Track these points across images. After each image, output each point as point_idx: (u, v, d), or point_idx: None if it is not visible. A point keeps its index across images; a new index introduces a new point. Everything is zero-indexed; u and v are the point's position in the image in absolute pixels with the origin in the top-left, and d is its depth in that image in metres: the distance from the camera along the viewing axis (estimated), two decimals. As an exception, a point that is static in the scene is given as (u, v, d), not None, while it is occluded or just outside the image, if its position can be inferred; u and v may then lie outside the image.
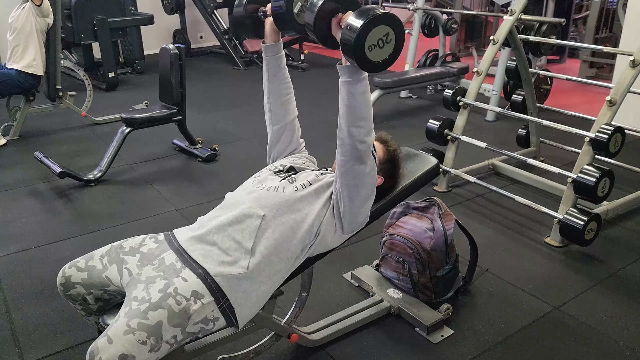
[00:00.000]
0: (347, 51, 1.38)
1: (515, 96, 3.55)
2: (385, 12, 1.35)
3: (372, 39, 1.34)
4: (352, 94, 1.47)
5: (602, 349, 1.98)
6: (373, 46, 1.35)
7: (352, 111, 1.48)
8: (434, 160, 1.98)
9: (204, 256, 1.48)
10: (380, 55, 1.38)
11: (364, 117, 1.49)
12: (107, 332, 1.29)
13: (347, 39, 1.35)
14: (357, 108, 1.48)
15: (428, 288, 2.14)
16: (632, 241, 2.73)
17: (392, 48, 1.39)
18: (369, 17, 1.33)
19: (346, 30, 1.36)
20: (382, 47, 1.37)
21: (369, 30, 1.33)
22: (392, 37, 1.37)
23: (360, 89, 1.46)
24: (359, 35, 1.32)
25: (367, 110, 1.50)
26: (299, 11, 1.64)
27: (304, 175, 1.68)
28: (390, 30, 1.36)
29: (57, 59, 4.22)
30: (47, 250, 2.65)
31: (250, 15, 1.80)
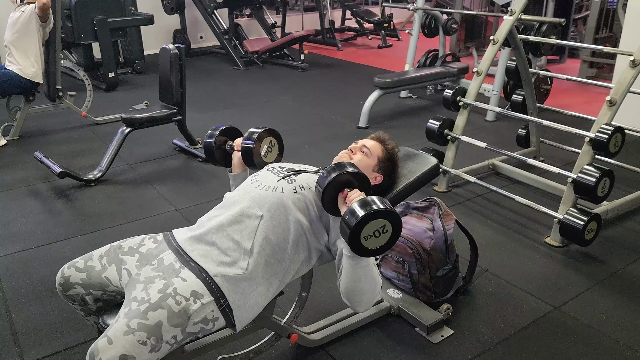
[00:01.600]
0: (345, 237, 1.44)
1: (515, 96, 3.55)
2: (385, 208, 1.40)
3: (368, 230, 1.41)
4: (353, 267, 1.50)
5: (602, 349, 1.98)
6: (369, 236, 1.41)
7: (352, 283, 1.53)
8: (433, 160, 1.98)
9: (203, 256, 1.48)
10: (376, 243, 1.44)
11: (364, 291, 1.54)
12: (107, 333, 1.29)
13: (345, 227, 1.42)
14: (358, 282, 1.52)
15: (428, 288, 2.14)
16: (632, 241, 2.73)
17: (388, 237, 1.45)
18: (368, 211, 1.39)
19: (345, 217, 1.42)
20: (378, 237, 1.43)
21: (365, 223, 1.39)
22: (388, 229, 1.43)
23: (362, 263, 1.50)
24: (355, 228, 1.39)
25: (368, 282, 1.53)
26: (265, 153, 1.87)
27: (304, 177, 1.67)
28: (387, 222, 1.42)
29: (57, 60, 4.22)
30: (47, 250, 2.65)
31: (219, 146, 1.94)
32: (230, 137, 1.97)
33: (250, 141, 1.83)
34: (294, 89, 5.82)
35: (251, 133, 1.85)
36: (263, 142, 1.85)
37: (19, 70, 4.00)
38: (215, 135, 1.94)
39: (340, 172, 1.51)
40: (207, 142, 1.94)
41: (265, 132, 1.86)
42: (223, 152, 1.96)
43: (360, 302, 1.56)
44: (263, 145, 1.85)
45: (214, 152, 1.94)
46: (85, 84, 4.73)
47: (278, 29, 8.07)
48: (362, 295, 1.54)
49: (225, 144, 1.95)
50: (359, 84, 5.77)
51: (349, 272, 1.51)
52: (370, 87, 4.68)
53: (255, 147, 1.83)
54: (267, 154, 1.88)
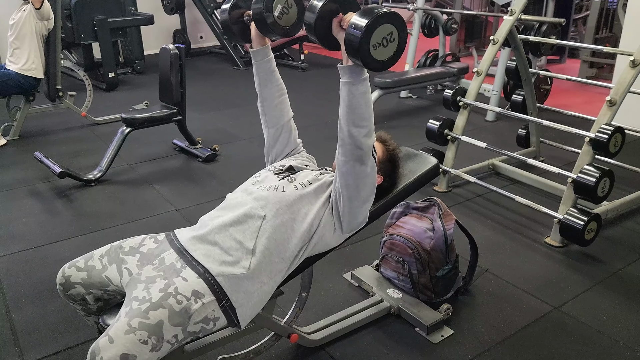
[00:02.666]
0: (352, 50, 1.37)
1: (515, 96, 3.55)
2: (389, 11, 1.35)
3: (377, 38, 1.34)
4: (353, 94, 1.46)
5: (602, 349, 1.98)
6: (377, 45, 1.35)
7: (352, 111, 1.48)
8: (433, 160, 1.98)
9: (205, 256, 1.48)
10: (384, 54, 1.38)
11: (364, 117, 1.49)
12: (108, 332, 1.29)
13: (351, 38, 1.35)
14: (357, 108, 1.48)
15: (428, 288, 2.14)
16: (632, 241, 2.73)
17: (395, 46, 1.39)
18: (374, 16, 1.32)
19: (351, 29, 1.35)
20: (386, 46, 1.37)
21: (374, 28, 1.32)
22: (395, 37, 1.37)
23: (361, 89, 1.46)
24: (364, 33, 1.32)
25: (368, 110, 1.50)
26: (279, 14, 1.63)
27: (304, 175, 1.68)
28: (394, 29, 1.36)
29: (57, 60, 4.22)
30: (47, 250, 2.65)
31: (237, 20, 1.78)
32: (247, 7, 1.75)
33: (259, 4, 1.62)
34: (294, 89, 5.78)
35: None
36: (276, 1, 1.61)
37: (19, 68, 4.00)
38: (227, 8, 1.74)
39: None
40: (223, 17, 1.76)
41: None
42: (241, 26, 1.77)
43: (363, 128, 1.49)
44: (277, 4, 1.61)
45: (231, 27, 1.76)
46: (85, 84, 4.73)
47: (278, 29, 8.05)
48: (363, 121, 1.49)
49: (243, 16, 1.76)
50: (359, 84, 5.76)
51: (349, 100, 1.47)
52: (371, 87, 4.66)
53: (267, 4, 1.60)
54: (282, 15, 1.63)
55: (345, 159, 1.53)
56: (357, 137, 1.50)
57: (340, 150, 1.54)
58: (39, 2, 3.92)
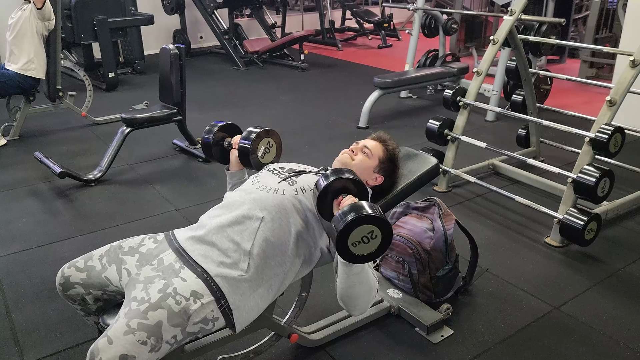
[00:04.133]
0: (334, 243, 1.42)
1: (515, 96, 3.55)
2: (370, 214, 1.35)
3: (355, 237, 1.36)
4: (347, 274, 1.48)
5: (602, 349, 1.98)
6: (357, 242, 1.37)
7: (347, 290, 1.52)
8: (433, 160, 1.98)
9: (203, 257, 1.48)
10: (365, 249, 1.39)
11: (358, 296, 1.53)
12: (107, 333, 1.29)
13: (333, 234, 1.39)
14: (352, 288, 1.50)
15: (428, 288, 2.14)
16: (632, 241, 2.73)
17: (377, 244, 1.39)
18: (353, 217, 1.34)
19: (334, 223, 1.39)
20: (367, 243, 1.38)
21: (350, 230, 1.34)
22: (377, 234, 1.38)
23: (355, 270, 1.48)
24: (342, 232, 1.34)
25: (362, 288, 1.52)
26: (262, 154, 1.83)
27: (305, 179, 1.67)
28: (375, 228, 1.37)
29: (57, 60, 4.21)
30: (47, 250, 2.65)
31: (217, 143, 1.92)
32: (229, 133, 1.93)
33: (247, 141, 1.80)
34: (294, 89, 5.82)
35: (249, 132, 1.82)
36: (260, 142, 1.81)
37: (19, 69, 4.00)
38: (213, 131, 1.91)
39: (336, 177, 1.49)
40: (206, 138, 1.92)
41: (263, 132, 1.82)
42: (221, 149, 1.93)
43: (355, 307, 1.56)
44: (260, 146, 1.82)
45: (212, 148, 1.92)
46: (85, 84, 4.73)
47: (278, 29, 8.07)
48: (356, 300, 1.53)
49: (224, 140, 1.92)
50: (359, 84, 5.77)
51: (343, 278, 1.49)
52: (370, 87, 4.68)
53: (252, 147, 1.79)
54: (264, 155, 1.84)
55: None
56: (349, 310, 1.58)
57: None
58: (41, 2, 3.91)
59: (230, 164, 1.92)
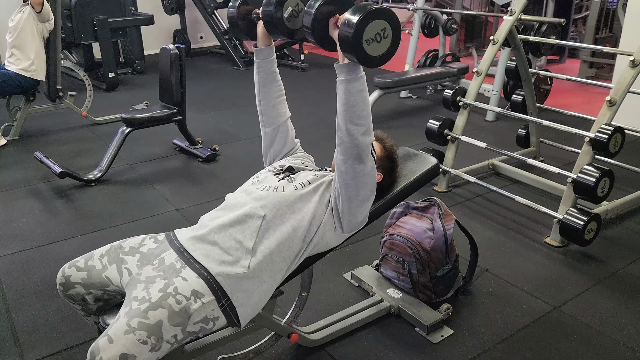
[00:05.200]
0: (346, 46, 1.38)
1: (515, 96, 3.55)
2: (380, 7, 1.36)
3: (369, 33, 1.35)
4: (349, 91, 1.47)
5: (602, 349, 1.98)
6: (371, 40, 1.36)
7: (350, 109, 1.48)
8: (433, 160, 1.98)
9: (205, 256, 1.48)
10: (379, 49, 1.39)
11: (362, 115, 1.49)
12: (108, 332, 1.29)
13: (344, 35, 1.36)
14: (355, 106, 1.48)
15: (428, 288, 2.14)
16: (632, 241, 2.73)
17: (389, 42, 1.40)
18: (365, 12, 1.34)
19: (343, 26, 1.37)
20: (380, 42, 1.38)
21: (365, 24, 1.34)
22: (389, 32, 1.38)
23: (358, 87, 1.47)
24: (356, 29, 1.33)
25: (365, 108, 1.50)
26: (289, 16, 1.65)
27: (303, 175, 1.68)
28: (387, 24, 1.37)
29: (57, 60, 4.22)
30: (47, 250, 2.65)
31: (244, 17, 1.79)
32: (255, 4, 1.77)
33: (270, 5, 1.63)
34: (294, 89, 5.81)
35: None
36: (287, 3, 1.63)
37: (19, 69, 4.00)
38: (237, 4, 1.76)
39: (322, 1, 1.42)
40: (231, 12, 1.77)
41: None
42: (248, 23, 1.78)
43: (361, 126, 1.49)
44: (287, 7, 1.63)
45: (238, 23, 1.77)
46: (85, 84, 4.73)
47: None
48: (361, 119, 1.49)
49: (251, 13, 1.77)
50: (359, 84, 5.76)
51: (346, 98, 1.47)
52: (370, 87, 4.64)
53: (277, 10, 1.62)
54: (291, 18, 1.65)
55: (344, 158, 1.53)
56: (355, 135, 1.50)
57: (339, 149, 1.54)
58: (40, 6, 3.92)
59: (258, 38, 1.77)
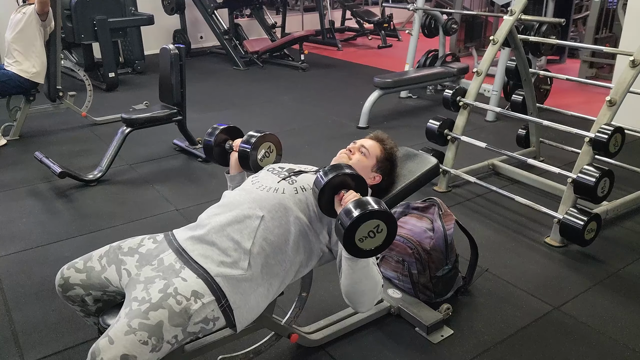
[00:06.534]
0: (340, 239, 1.43)
1: (515, 96, 3.55)
2: (377, 209, 1.38)
3: (362, 232, 1.38)
4: (352, 269, 1.49)
5: (602, 349, 1.98)
6: (364, 238, 1.39)
7: (353, 286, 1.52)
8: (433, 160, 1.98)
9: (203, 256, 1.48)
10: (371, 244, 1.42)
11: (364, 292, 1.53)
12: (108, 333, 1.29)
13: (339, 229, 1.41)
14: (358, 283, 1.51)
15: (428, 288, 2.14)
16: (632, 241, 2.73)
17: (383, 238, 1.42)
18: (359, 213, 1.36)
19: (340, 219, 1.40)
20: (374, 237, 1.41)
21: (357, 225, 1.37)
22: (383, 228, 1.41)
23: (360, 264, 1.49)
24: (348, 229, 1.37)
25: (368, 284, 1.52)
26: (262, 157, 1.85)
27: (305, 178, 1.67)
28: (380, 222, 1.40)
29: (57, 60, 4.22)
30: (47, 250, 2.65)
31: (218, 144, 1.94)
32: (230, 136, 1.97)
33: (247, 145, 1.83)
34: (294, 89, 5.82)
35: (250, 137, 1.85)
36: (261, 147, 1.84)
37: (18, 70, 3.99)
38: (215, 133, 1.94)
39: (336, 173, 1.51)
40: (207, 140, 1.95)
41: (263, 137, 1.85)
42: (222, 151, 1.97)
43: (362, 303, 1.56)
44: (261, 149, 1.84)
45: (213, 149, 1.94)
46: (85, 84, 4.73)
47: (278, 29, 8.06)
48: (362, 296, 1.54)
49: (225, 142, 1.95)
50: (359, 84, 5.77)
51: (349, 274, 1.50)
52: (370, 87, 4.68)
53: (252, 150, 1.82)
54: (263, 158, 1.86)
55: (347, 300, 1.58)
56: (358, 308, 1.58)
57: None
58: (45, 15, 3.93)
59: (230, 167, 1.94)
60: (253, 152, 1.82)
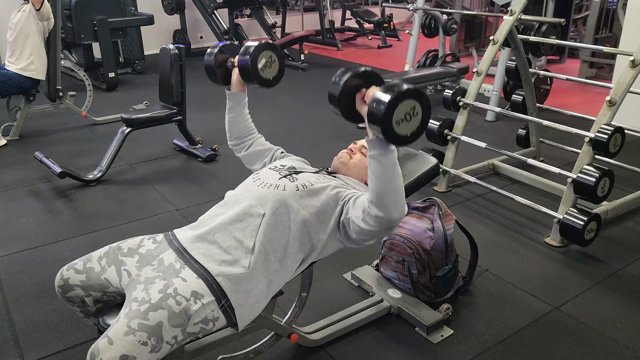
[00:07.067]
0: (375, 126, 1.36)
1: (515, 96, 3.55)
2: (411, 87, 1.34)
3: (399, 114, 1.33)
4: (383, 165, 1.42)
5: (602, 349, 1.98)
6: (401, 120, 1.34)
7: (383, 184, 1.44)
8: (433, 160, 1.98)
9: (204, 255, 1.48)
10: (408, 128, 1.36)
11: (395, 189, 1.45)
12: (108, 333, 1.29)
13: (374, 115, 1.34)
14: (390, 181, 1.44)
15: (428, 288, 2.14)
16: (632, 241, 2.73)
17: (419, 121, 1.37)
18: (396, 92, 1.31)
19: (373, 105, 1.34)
20: (410, 121, 1.35)
21: (396, 105, 1.31)
22: (418, 111, 1.36)
23: (391, 160, 1.43)
24: (387, 110, 1.30)
25: (398, 182, 1.46)
26: (263, 67, 1.73)
27: (306, 176, 1.67)
28: (416, 103, 1.35)
29: (57, 60, 4.22)
30: (47, 250, 2.65)
31: (220, 65, 1.86)
32: (231, 54, 1.84)
33: (246, 55, 1.72)
34: (294, 89, 5.82)
35: (247, 47, 1.74)
36: (260, 56, 1.72)
37: (18, 69, 4.00)
38: (214, 53, 1.83)
39: (351, 74, 1.43)
40: (207, 60, 1.84)
41: (262, 45, 1.74)
42: (224, 71, 1.85)
43: (395, 205, 1.45)
44: (261, 58, 1.72)
45: (216, 71, 1.84)
46: (85, 84, 4.73)
47: (278, 29, 8.07)
48: (395, 195, 1.45)
49: (227, 61, 1.84)
50: (359, 84, 5.76)
51: (380, 173, 1.43)
52: (370, 87, 4.67)
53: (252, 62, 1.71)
54: (265, 68, 1.74)
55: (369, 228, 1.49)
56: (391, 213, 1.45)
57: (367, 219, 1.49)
58: (39, 3, 3.91)
59: (232, 84, 1.85)
60: (253, 62, 1.71)
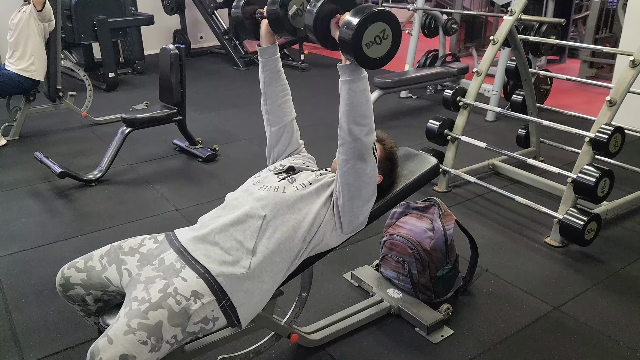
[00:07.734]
0: (346, 49, 1.39)
1: (515, 96, 3.55)
2: (380, 9, 1.36)
3: (369, 37, 1.36)
4: (353, 91, 1.47)
5: (602, 349, 1.98)
6: (371, 43, 1.37)
7: (353, 109, 1.49)
8: (433, 160, 1.98)
9: (205, 256, 1.48)
10: (378, 51, 1.39)
11: (365, 115, 1.50)
12: (108, 333, 1.29)
13: (345, 37, 1.37)
14: (358, 106, 1.49)
15: (428, 288, 2.14)
16: (632, 241, 2.73)
17: (389, 44, 1.40)
18: (364, 14, 1.34)
19: (343, 28, 1.37)
20: (380, 44, 1.38)
21: (364, 28, 1.34)
22: (388, 34, 1.39)
23: (361, 87, 1.47)
24: (355, 33, 1.33)
25: (368, 108, 1.50)
26: (294, 14, 1.66)
27: (304, 176, 1.69)
28: (386, 26, 1.38)
29: (57, 60, 4.22)
30: (47, 250, 2.65)
31: (249, 16, 1.81)
32: (260, 4, 1.78)
33: (275, 5, 1.65)
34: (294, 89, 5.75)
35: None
36: (291, 2, 1.64)
37: (18, 70, 4.00)
38: (240, 5, 1.77)
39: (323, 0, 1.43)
40: (235, 12, 1.79)
41: None
42: (253, 22, 1.79)
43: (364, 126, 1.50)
44: (292, 5, 1.64)
45: (244, 23, 1.79)
46: (85, 84, 4.73)
47: (278, 29, 8.05)
48: (364, 119, 1.50)
49: (255, 12, 1.78)
50: (359, 84, 5.76)
51: (350, 98, 1.47)
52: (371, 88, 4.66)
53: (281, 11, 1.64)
54: (296, 16, 1.66)
55: (346, 158, 1.54)
56: (358, 135, 1.50)
57: (341, 149, 1.55)
58: (41, 5, 3.91)
59: (261, 37, 1.78)
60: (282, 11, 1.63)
